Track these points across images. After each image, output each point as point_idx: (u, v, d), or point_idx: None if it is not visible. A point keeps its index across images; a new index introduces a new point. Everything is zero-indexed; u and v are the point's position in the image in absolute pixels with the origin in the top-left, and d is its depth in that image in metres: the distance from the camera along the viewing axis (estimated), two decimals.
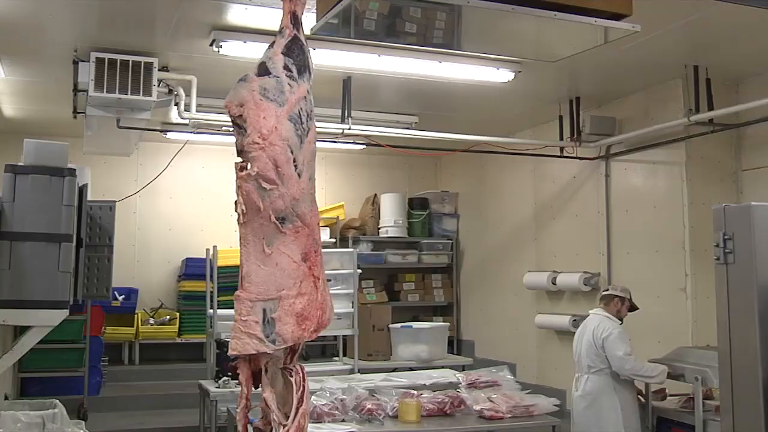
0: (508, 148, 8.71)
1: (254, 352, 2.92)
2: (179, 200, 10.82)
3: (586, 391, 6.03)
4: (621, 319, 6.24)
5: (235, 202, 2.96)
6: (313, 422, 4.91)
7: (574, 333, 8.53)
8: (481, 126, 8.75)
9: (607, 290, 6.49)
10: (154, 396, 8.81)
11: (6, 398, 6.53)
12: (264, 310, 2.93)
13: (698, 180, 7.43)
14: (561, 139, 8.54)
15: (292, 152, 2.98)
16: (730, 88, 7.42)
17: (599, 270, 8.53)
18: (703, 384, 5.67)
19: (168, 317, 10.24)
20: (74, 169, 5.61)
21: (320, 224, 3.18)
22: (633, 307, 6.37)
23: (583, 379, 6.12)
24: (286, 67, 3.10)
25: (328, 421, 5.08)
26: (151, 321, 10.18)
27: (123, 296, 9.87)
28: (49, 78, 7.53)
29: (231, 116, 3.01)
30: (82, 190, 6.34)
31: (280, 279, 2.95)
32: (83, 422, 5.22)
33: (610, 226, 8.44)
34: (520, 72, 7.10)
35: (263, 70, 3.07)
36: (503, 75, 7.15)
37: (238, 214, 2.95)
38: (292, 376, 3.04)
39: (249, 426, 3.16)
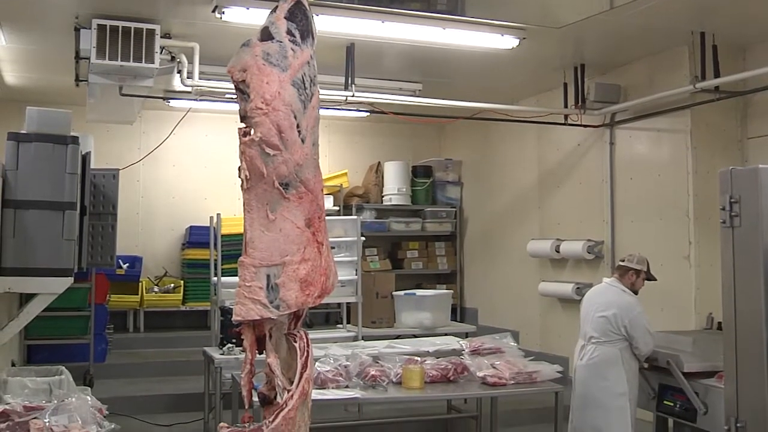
0: (512, 115, 8.66)
1: (258, 317, 2.93)
2: (183, 168, 10.81)
3: (592, 360, 5.82)
4: (636, 292, 5.95)
5: (239, 168, 2.95)
6: (317, 388, 4.94)
7: (578, 301, 8.59)
8: (485, 93, 8.71)
9: (623, 261, 6.08)
10: (159, 363, 8.87)
11: (13, 365, 6.59)
12: (268, 276, 2.93)
13: (703, 148, 7.40)
14: (565, 106, 8.49)
15: (295, 117, 2.97)
16: (737, 54, 7.36)
17: (603, 238, 8.53)
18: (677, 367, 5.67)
19: (172, 285, 10.28)
20: (77, 137, 5.60)
21: (324, 191, 3.18)
22: (650, 278, 6.04)
23: (589, 348, 5.88)
24: (289, 32, 3.07)
25: (332, 387, 5.11)
26: (156, 289, 10.23)
27: (127, 264, 9.91)
28: (50, 45, 7.48)
29: (234, 81, 2.99)
30: (86, 158, 6.33)
31: (284, 245, 2.95)
32: (89, 388, 5.26)
33: (614, 194, 8.42)
34: (524, 39, 7.04)
35: (266, 35, 3.04)
36: (507, 42, 7.09)
37: (242, 180, 2.94)
38: (296, 342, 3.05)
39: (253, 391, 3.18)
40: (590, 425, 5.77)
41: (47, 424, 3.98)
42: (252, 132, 2.93)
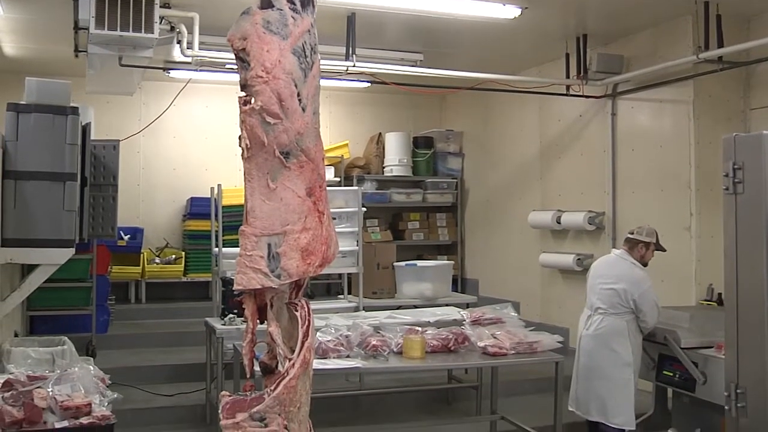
0: (513, 86, 8.62)
1: (259, 286, 2.93)
2: (183, 140, 10.80)
3: (599, 331, 5.81)
4: (645, 264, 5.95)
5: (239, 137, 2.93)
6: (318, 358, 4.96)
7: (579, 272, 8.64)
8: (486, 64, 8.66)
9: (632, 233, 6.04)
10: (161, 334, 8.90)
11: (16, 335, 6.62)
12: (269, 245, 2.93)
13: (706, 119, 7.36)
14: (567, 77, 8.44)
15: (296, 86, 2.95)
16: (741, 24, 7.30)
17: (604, 209, 8.53)
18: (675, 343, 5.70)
19: (173, 256, 10.30)
20: (77, 108, 5.59)
21: (325, 160, 3.17)
22: (659, 248, 6.02)
23: (596, 319, 5.87)
24: (289, 0, 3.04)
25: (334, 357, 5.13)
26: (157, 260, 10.25)
27: (128, 236, 9.92)
28: (49, 16, 7.43)
29: (234, 50, 2.97)
30: (86, 129, 6.32)
31: (285, 214, 2.94)
32: (92, 359, 5.29)
33: (615, 165, 8.41)
34: (526, 8, 6.99)
35: (266, 2, 3.01)
36: (509, 11, 7.03)
37: (242, 149, 2.93)
38: (297, 311, 3.05)
39: (255, 361, 3.19)
40: (594, 395, 5.79)
41: (50, 393, 4.01)
42: (252, 101, 2.91)
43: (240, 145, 2.94)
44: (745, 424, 3.37)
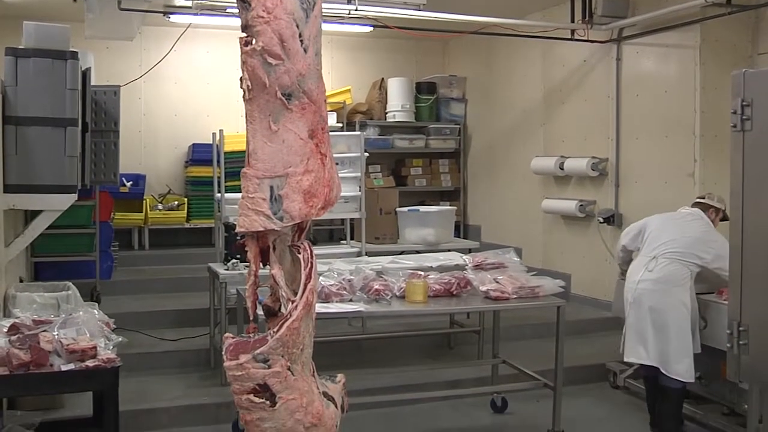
0: (517, 30, 8.52)
1: (262, 229, 2.93)
2: (184, 85, 10.72)
3: (660, 276, 5.58)
4: None
5: (241, 79, 2.91)
6: (321, 302, 4.98)
7: (581, 218, 8.66)
8: (490, 8, 8.51)
9: (703, 198, 5.94)
10: (164, 280, 8.94)
11: (21, 281, 6.65)
12: (271, 187, 2.92)
13: (712, 64, 7.28)
14: (572, 21, 8.33)
15: (297, 26, 2.91)
16: None
17: (607, 155, 8.50)
18: None
19: (176, 203, 10.31)
20: (76, 52, 5.54)
21: (327, 102, 3.14)
22: (725, 218, 5.79)
23: (660, 262, 5.62)
24: None
25: (336, 301, 5.15)
26: (160, 207, 10.26)
27: (131, 182, 9.92)
28: None
29: None
30: (86, 74, 6.27)
31: (287, 156, 2.93)
32: (96, 304, 5.32)
33: (619, 111, 8.35)
34: None
35: None
36: None
37: (244, 91, 2.90)
38: (299, 253, 3.06)
39: (258, 304, 3.21)
40: (653, 343, 5.58)
41: (56, 336, 4.04)
42: (253, 41, 2.88)
43: (241, 87, 2.91)
44: (746, 362, 3.39)
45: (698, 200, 6.00)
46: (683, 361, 5.46)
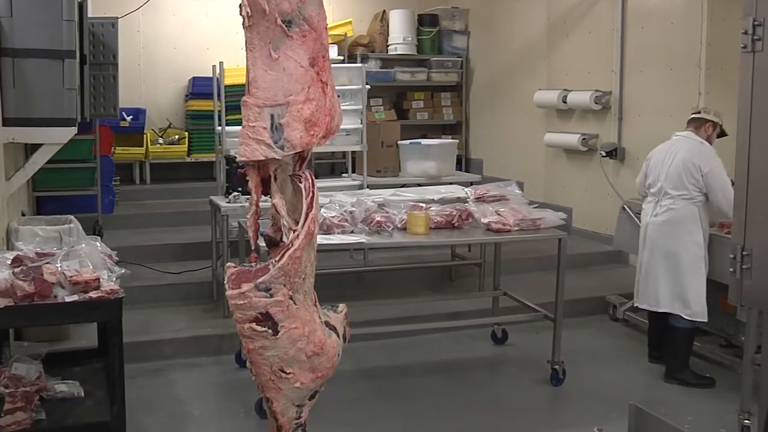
0: None
1: (263, 158, 2.91)
2: (183, 18, 10.56)
3: (669, 216, 5.54)
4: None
5: (240, 5, 2.85)
6: (322, 233, 4.99)
7: (584, 152, 8.61)
8: None
9: (699, 113, 5.75)
10: (166, 214, 8.95)
11: (23, 215, 6.66)
12: (272, 116, 2.89)
13: None
14: None
15: None
16: None
17: (611, 88, 8.41)
18: None
19: (177, 137, 10.26)
20: None
21: (328, 29, 3.09)
22: (723, 133, 5.69)
23: (664, 203, 5.57)
24: None
25: (338, 233, 5.15)
26: (160, 141, 10.21)
27: (131, 116, 9.85)
28: None
29: None
30: (82, 5, 6.18)
31: (288, 84, 2.89)
32: (99, 238, 5.33)
33: (624, 44, 8.24)
34: None
35: None
36: None
37: (243, 18, 2.84)
38: (301, 183, 3.05)
39: (259, 235, 3.21)
40: (664, 285, 5.57)
41: (59, 268, 4.05)
42: None
43: (241, 14, 2.86)
44: (749, 286, 3.39)
45: (693, 115, 5.80)
46: (697, 302, 5.46)
